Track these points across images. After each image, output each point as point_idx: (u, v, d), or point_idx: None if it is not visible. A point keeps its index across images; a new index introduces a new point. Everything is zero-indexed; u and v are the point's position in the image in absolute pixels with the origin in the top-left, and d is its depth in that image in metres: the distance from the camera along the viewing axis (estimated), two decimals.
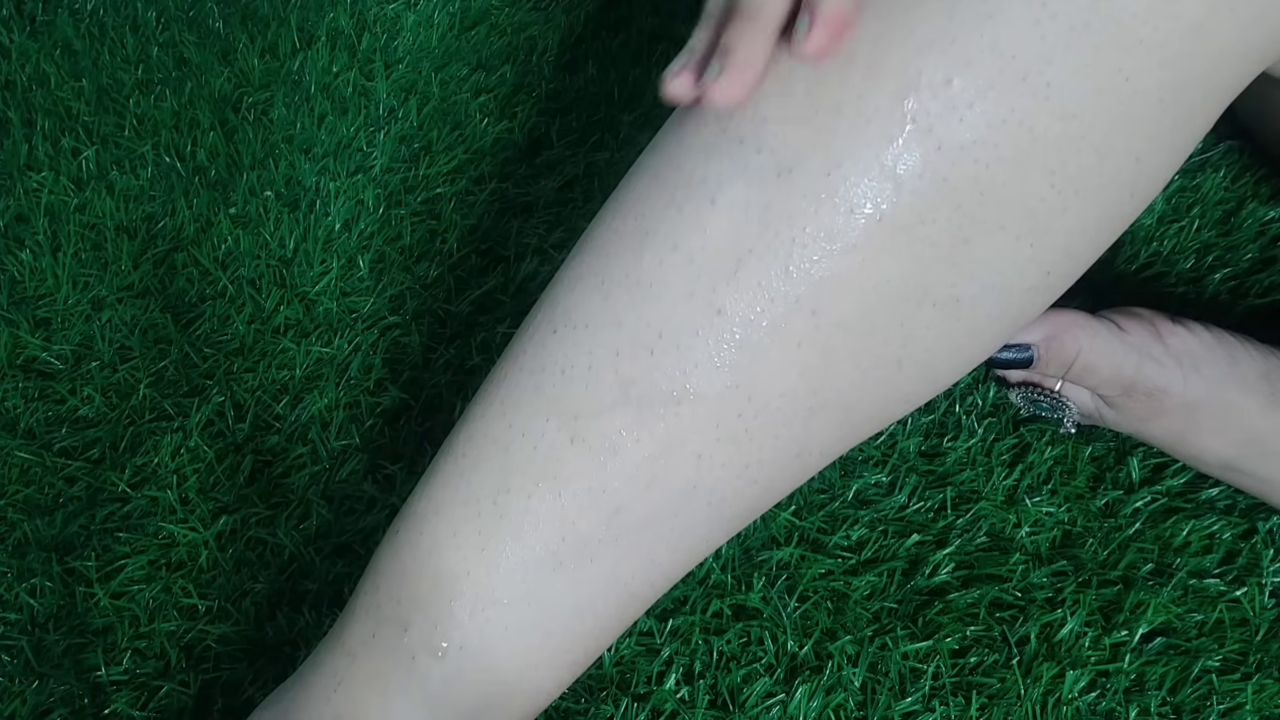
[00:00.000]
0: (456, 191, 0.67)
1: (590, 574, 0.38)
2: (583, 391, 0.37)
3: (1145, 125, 0.35)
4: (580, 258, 0.39)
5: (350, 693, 0.40)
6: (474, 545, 0.38)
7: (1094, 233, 0.37)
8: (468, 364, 0.60)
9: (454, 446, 0.40)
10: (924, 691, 0.50)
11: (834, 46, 0.33)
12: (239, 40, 0.73)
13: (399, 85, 0.71)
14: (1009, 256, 0.36)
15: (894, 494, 0.55)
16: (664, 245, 0.36)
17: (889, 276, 0.35)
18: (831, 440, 0.39)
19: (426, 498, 0.40)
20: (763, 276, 0.35)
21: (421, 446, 0.57)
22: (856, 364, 0.37)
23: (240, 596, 0.52)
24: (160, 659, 0.50)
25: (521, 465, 0.38)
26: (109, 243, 0.64)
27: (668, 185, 0.37)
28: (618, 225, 0.38)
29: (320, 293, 0.62)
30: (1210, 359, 0.52)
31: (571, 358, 0.38)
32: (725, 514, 0.39)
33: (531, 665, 0.39)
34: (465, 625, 0.38)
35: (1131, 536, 0.54)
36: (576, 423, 0.37)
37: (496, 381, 0.40)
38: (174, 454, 0.56)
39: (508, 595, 0.38)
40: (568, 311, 0.38)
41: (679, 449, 0.37)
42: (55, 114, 0.70)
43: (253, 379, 0.59)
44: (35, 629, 0.51)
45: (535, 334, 0.39)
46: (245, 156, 0.68)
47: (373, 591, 0.40)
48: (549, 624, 0.39)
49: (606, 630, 0.40)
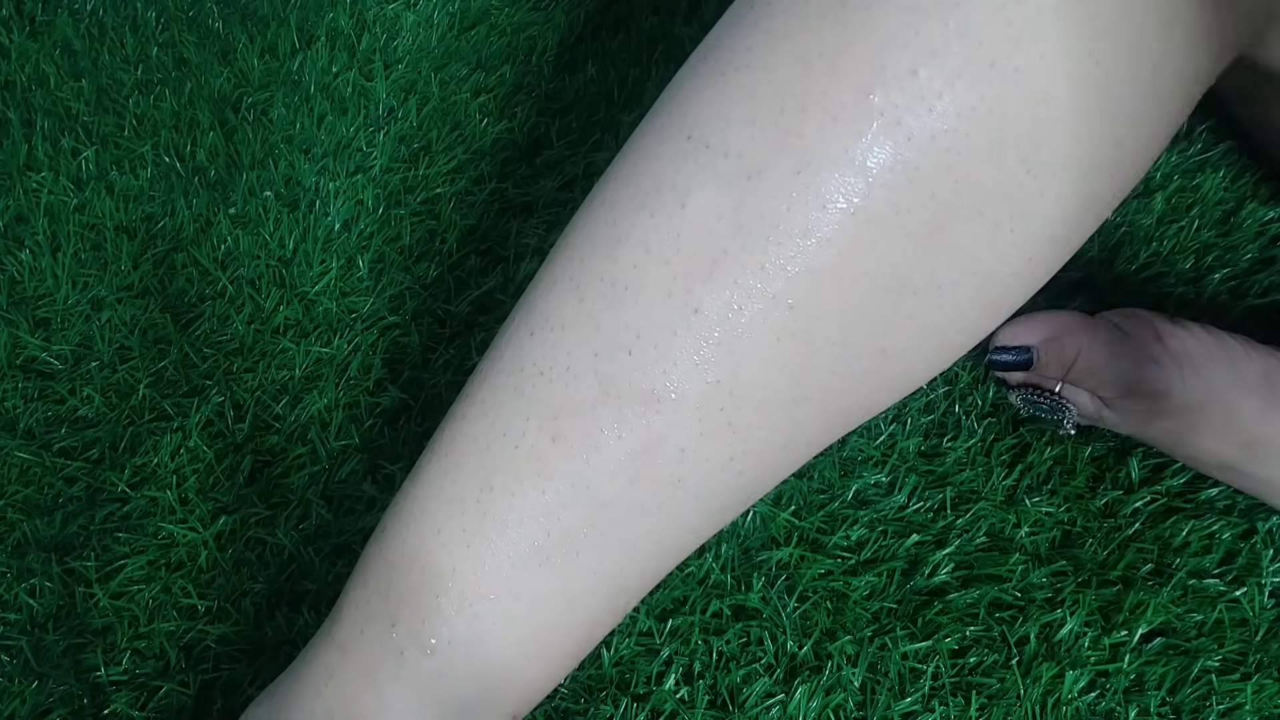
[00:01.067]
0: (456, 191, 0.67)
1: (577, 567, 0.38)
2: (562, 391, 0.37)
3: (1120, 108, 0.35)
4: (555, 262, 0.39)
5: (341, 687, 0.40)
6: (459, 542, 0.38)
7: (1076, 218, 0.37)
8: (467, 364, 0.60)
9: (437, 447, 0.40)
10: (923, 691, 0.50)
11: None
12: (238, 40, 0.73)
13: (398, 85, 0.71)
14: (988, 242, 0.36)
15: (893, 494, 0.55)
16: (637, 248, 0.36)
17: (867, 268, 0.35)
18: (818, 431, 0.39)
19: (411, 496, 0.40)
20: (739, 275, 0.35)
21: (421, 446, 0.57)
22: (839, 355, 0.37)
23: (240, 596, 0.52)
24: (160, 659, 0.50)
25: (504, 464, 0.38)
26: (109, 243, 0.64)
27: (639, 191, 0.37)
28: (590, 230, 0.38)
29: (320, 293, 0.62)
30: (1210, 360, 0.52)
31: (550, 359, 0.38)
32: (713, 505, 0.39)
33: (522, 658, 0.39)
34: (453, 620, 0.38)
35: (1131, 537, 0.54)
36: (557, 422, 0.37)
37: (476, 383, 0.40)
38: (173, 454, 0.56)
39: (494, 590, 0.38)
40: (544, 314, 0.38)
41: (662, 444, 0.37)
42: (55, 114, 0.70)
43: (252, 379, 0.59)
44: (35, 629, 0.51)
45: (513, 336, 0.39)
46: (245, 156, 0.68)
47: (361, 588, 0.41)
48: (538, 618, 0.39)
49: (598, 623, 0.40)
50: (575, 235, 0.39)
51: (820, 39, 0.34)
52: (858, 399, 0.39)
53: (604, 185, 0.39)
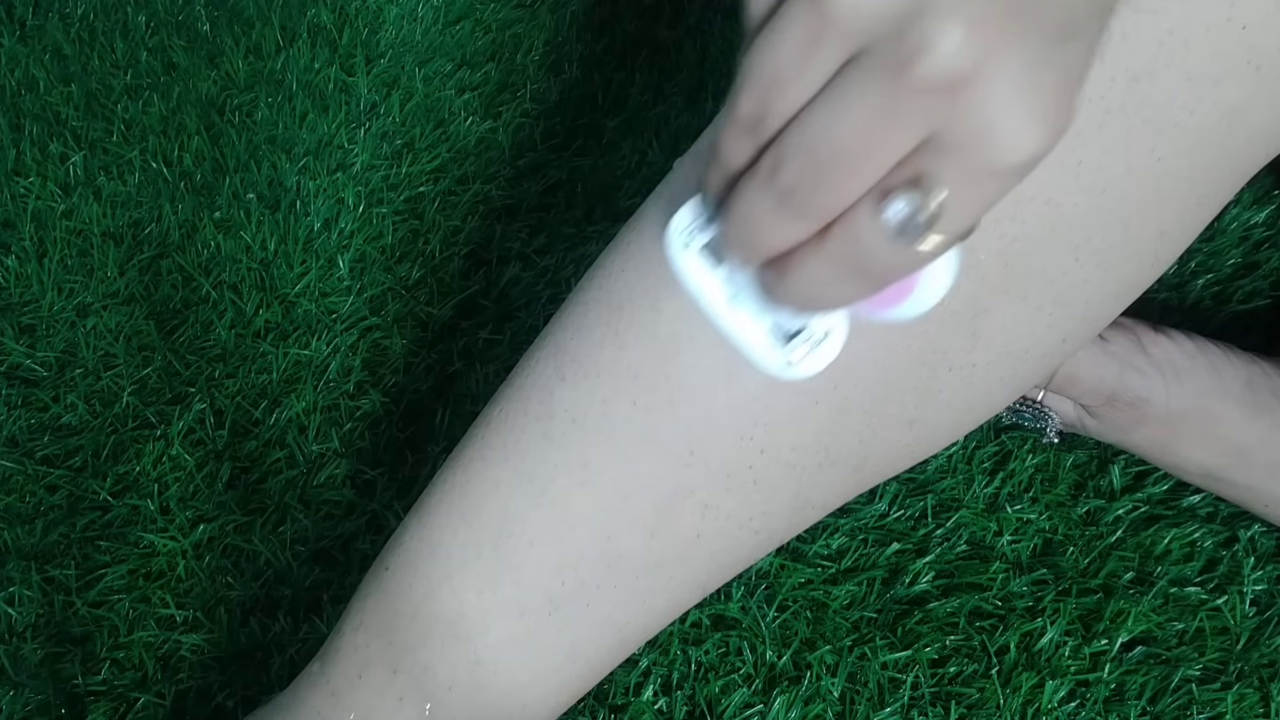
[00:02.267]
0: (439, 191, 0.66)
1: (585, 618, 0.38)
2: (595, 439, 0.37)
3: (1173, 202, 0.34)
4: (587, 305, 0.38)
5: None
6: (471, 589, 0.38)
7: (1112, 300, 0.37)
8: (449, 369, 0.60)
9: (450, 487, 0.39)
10: (903, 701, 0.50)
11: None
12: (225, 43, 0.73)
13: (381, 80, 0.71)
14: (1028, 325, 0.36)
15: (874, 502, 0.55)
16: (685, 301, 0.35)
17: (909, 342, 0.35)
18: (834, 494, 0.39)
19: (420, 538, 0.39)
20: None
21: (402, 453, 0.57)
22: (869, 423, 0.36)
23: (215, 604, 0.52)
24: (138, 670, 0.51)
25: (525, 511, 0.37)
26: (95, 249, 0.64)
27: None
28: (630, 278, 0.37)
29: (299, 294, 0.62)
30: (1192, 368, 0.51)
31: (584, 406, 0.37)
32: (725, 562, 0.39)
33: (519, 706, 0.39)
34: (456, 668, 0.38)
35: (1112, 544, 0.54)
36: (586, 470, 0.37)
37: (496, 425, 0.39)
38: (155, 462, 0.56)
39: (501, 638, 0.38)
40: (577, 360, 0.37)
41: (688, 498, 0.37)
42: (44, 119, 0.70)
43: (233, 384, 0.59)
44: (13, 638, 0.51)
45: (539, 379, 0.38)
46: (230, 160, 0.68)
47: (360, 630, 0.40)
48: (540, 665, 0.38)
49: (596, 672, 0.40)
50: (612, 279, 0.38)
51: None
52: (879, 464, 0.38)
53: (643, 232, 0.38)
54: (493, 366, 0.60)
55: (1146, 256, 0.36)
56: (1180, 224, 0.35)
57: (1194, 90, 0.32)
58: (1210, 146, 0.33)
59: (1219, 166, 0.34)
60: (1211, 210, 0.36)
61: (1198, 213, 0.36)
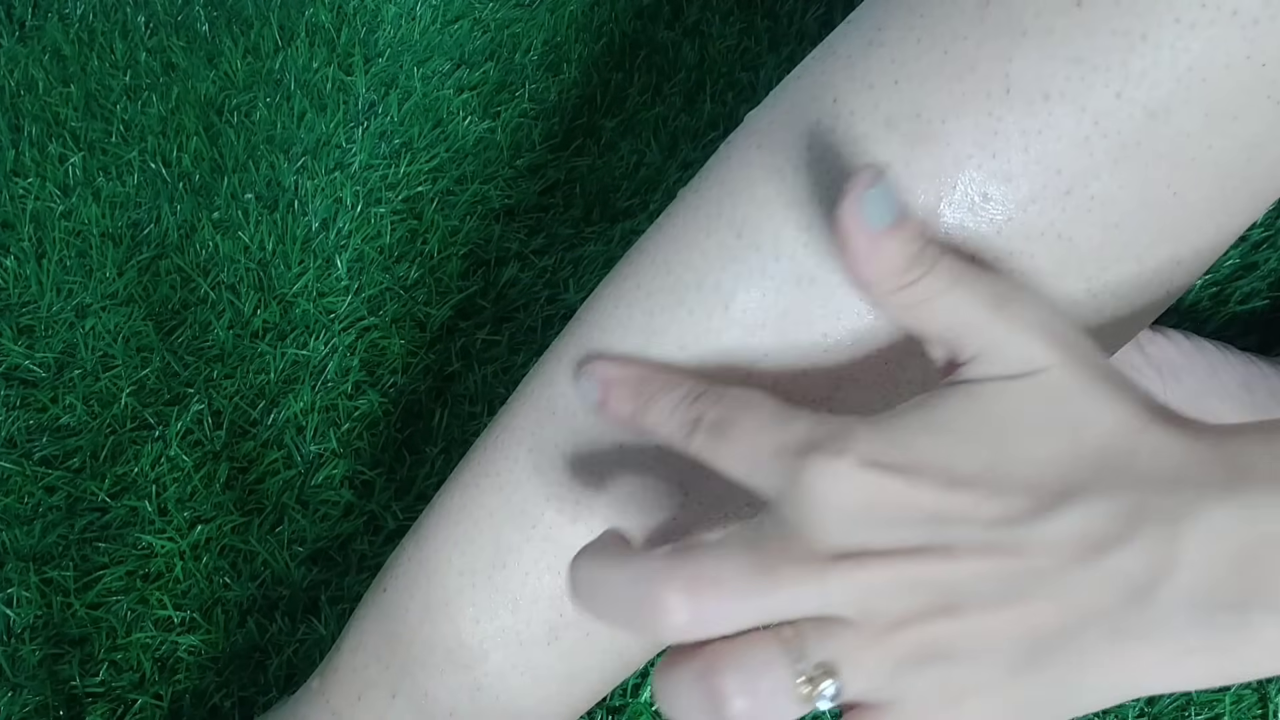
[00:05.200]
0: (437, 191, 0.66)
1: (587, 646, 0.38)
2: (584, 478, 0.36)
3: (1189, 233, 0.34)
4: (579, 341, 0.38)
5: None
6: (468, 618, 0.38)
7: (1126, 328, 0.36)
8: (447, 369, 0.60)
9: (447, 512, 0.39)
10: None
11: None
12: (224, 43, 0.73)
13: (379, 79, 0.71)
14: None
15: None
16: (671, 345, 0.35)
17: (910, 377, 0.35)
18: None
19: (417, 561, 0.39)
20: (777, 379, 0.34)
21: (400, 454, 0.57)
22: None
23: (212, 605, 0.53)
24: (135, 671, 0.51)
25: (519, 544, 0.37)
26: (94, 249, 0.64)
27: (680, 284, 0.35)
28: (621, 315, 0.37)
29: (297, 294, 0.62)
30: (1190, 368, 0.51)
31: (572, 442, 0.37)
32: None
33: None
34: (457, 694, 0.38)
35: None
36: (578, 507, 0.36)
37: (491, 449, 0.39)
38: (154, 463, 0.56)
39: (500, 667, 0.38)
40: (568, 395, 0.37)
41: (683, 532, 0.36)
42: (43, 119, 0.70)
43: (231, 385, 0.59)
44: (11, 639, 0.51)
45: (532, 411, 0.38)
46: (228, 160, 0.68)
47: (359, 651, 0.40)
48: (540, 691, 0.38)
49: (596, 694, 0.40)
50: (605, 317, 0.37)
51: (890, 150, 0.32)
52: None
53: (639, 264, 0.37)
54: (491, 367, 0.60)
55: (1161, 286, 0.35)
56: (1196, 253, 0.35)
57: (1212, 125, 0.31)
58: (1228, 178, 0.33)
59: (1237, 196, 0.34)
60: (1229, 237, 0.36)
61: (1215, 240, 0.35)
